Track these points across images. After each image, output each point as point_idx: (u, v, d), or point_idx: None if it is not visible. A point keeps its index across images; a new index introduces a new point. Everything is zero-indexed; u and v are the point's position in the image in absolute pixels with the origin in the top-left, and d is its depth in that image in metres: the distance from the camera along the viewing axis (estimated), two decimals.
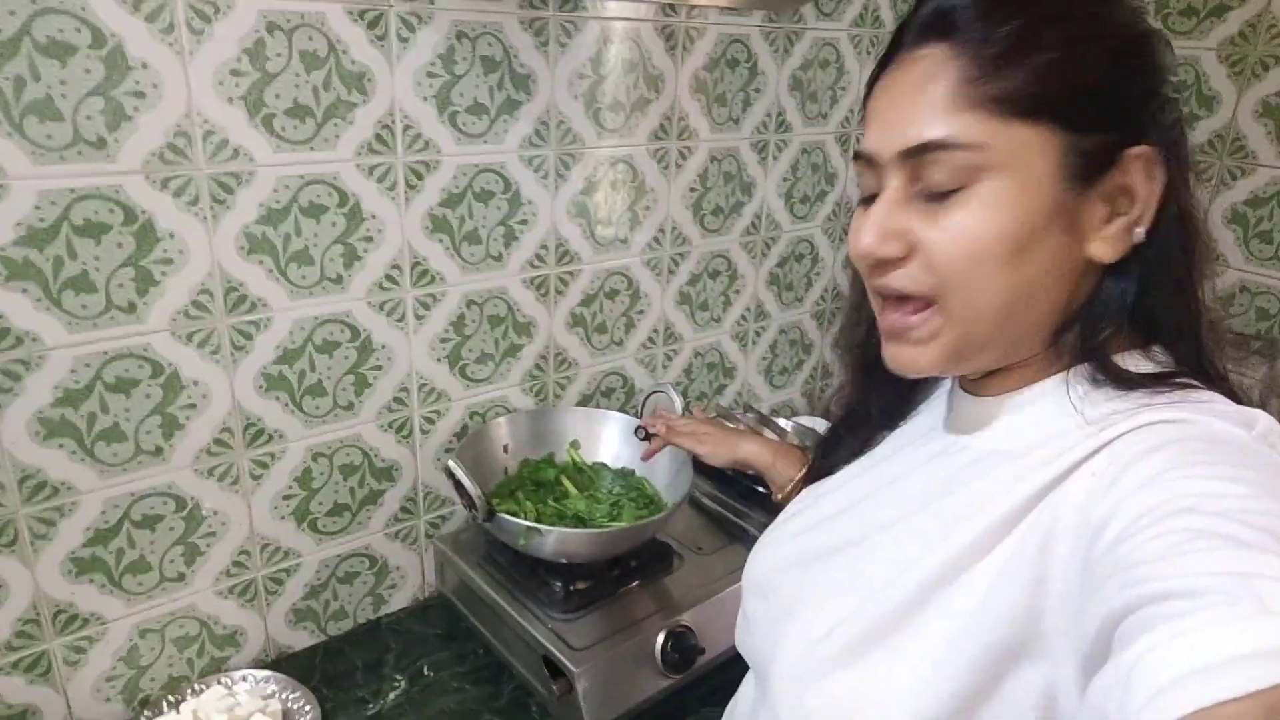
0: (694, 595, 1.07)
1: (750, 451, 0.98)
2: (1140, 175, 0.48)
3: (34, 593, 0.89)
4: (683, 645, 1.00)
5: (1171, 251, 0.50)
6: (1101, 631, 0.38)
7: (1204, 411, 0.46)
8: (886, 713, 0.49)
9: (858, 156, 0.55)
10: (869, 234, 0.52)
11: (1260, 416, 0.47)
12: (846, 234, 1.63)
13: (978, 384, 0.58)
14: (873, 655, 0.51)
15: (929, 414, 0.66)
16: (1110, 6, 0.49)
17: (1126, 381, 0.50)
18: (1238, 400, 0.50)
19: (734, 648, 1.05)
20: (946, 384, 0.65)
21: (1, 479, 0.84)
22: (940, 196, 0.50)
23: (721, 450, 1.00)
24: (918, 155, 0.50)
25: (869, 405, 0.70)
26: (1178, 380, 0.50)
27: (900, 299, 0.54)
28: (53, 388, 0.85)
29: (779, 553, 0.67)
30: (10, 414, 0.83)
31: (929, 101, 0.49)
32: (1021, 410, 0.54)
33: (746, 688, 0.70)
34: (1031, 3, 0.48)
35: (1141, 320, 0.51)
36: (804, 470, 0.91)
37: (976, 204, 0.48)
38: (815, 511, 0.68)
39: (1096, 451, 0.47)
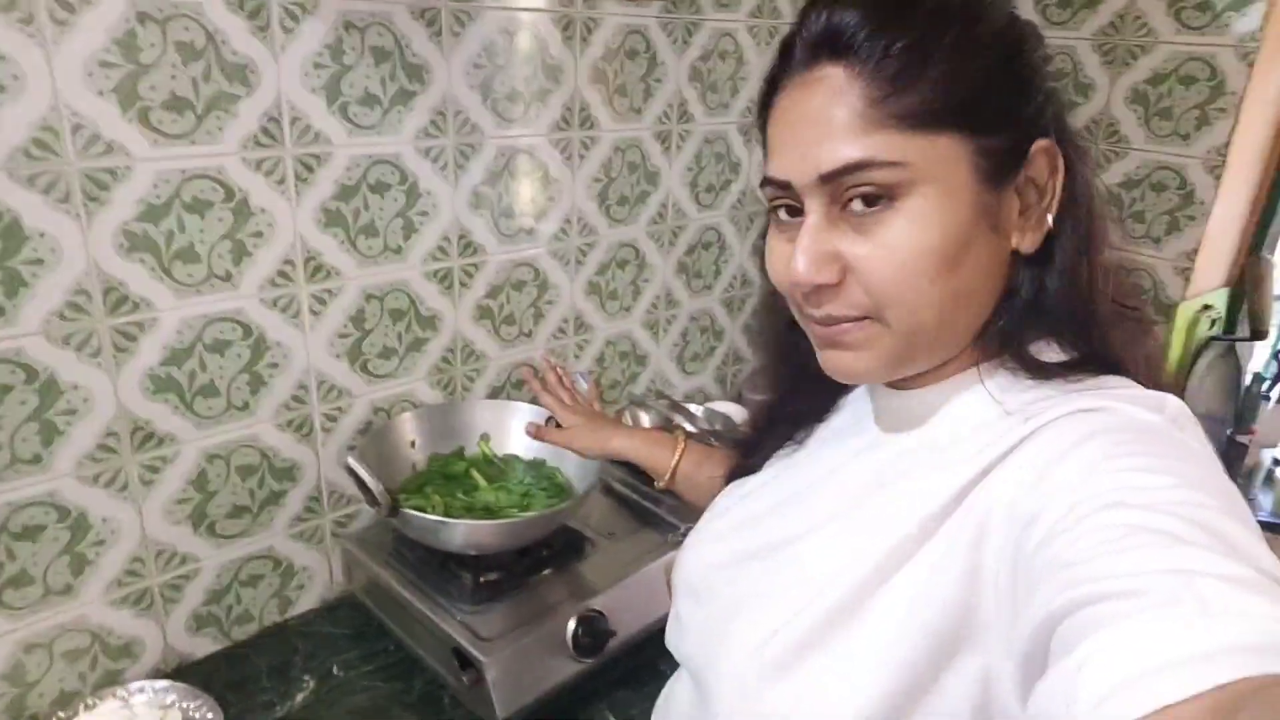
0: (606, 580, 1.08)
1: (621, 445, 1.01)
2: (1045, 167, 0.50)
3: None
4: (594, 629, 1.01)
5: (1075, 236, 0.51)
6: (1039, 632, 0.38)
7: (1122, 399, 0.47)
8: (833, 714, 0.49)
9: (769, 182, 0.54)
10: (801, 262, 0.51)
11: (1169, 400, 0.48)
12: (752, 221, 1.66)
13: (901, 379, 0.58)
14: (816, 658, 0.51)
15: (851, 409, 0.66)
16: (987, 9, 0.50)
17: (1041, 370, 0.51)
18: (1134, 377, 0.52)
19: (646, 630, 1.08)
20: (868, 384, 0.65)
21: None
22: (867, 215, 0.50)
23: (593, 445, 1.03)
24: (838, 178, 0.50)
25: (795, 403, 0.70)
26: (1089, 367, 0.51)
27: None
28: None
29: (711, 552, 0.67)
30: None
31: (840, 124, 0.49)
32: (945, 403, 0.55)
33: (680, 688, 0.69)
34: (916, 16, 0.49)
35: (1050, 309, 0.52)
36: (678, 455, 0.96)
37: (904, 219, 0.49)
38: (744, 509, 0.68)
39: (1022, 442, 0.47)
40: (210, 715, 0.96)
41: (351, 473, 0.98)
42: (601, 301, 1.46)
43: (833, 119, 0.49)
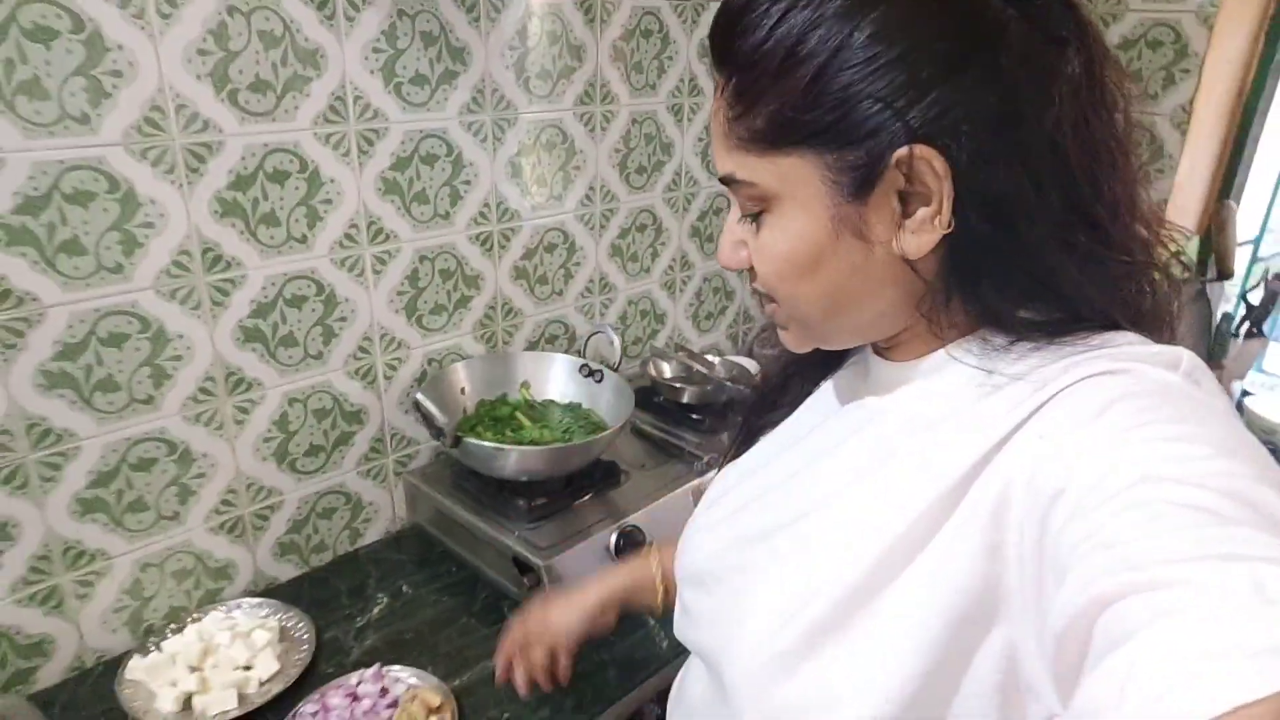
0: (640, 502, 1.22)
1: (600, 593, 0.90)
2: (927, 172, 0.46)
3: (44, 532, 0.98)
4: (633, 541, 1.15)
5: (994, 224, 0.47)
6: (1080, 616, 0.36)
7: (1138, 358, 0.46)
8: (860, 699, 0.47)
9: None
10: (721, 247, 0.57)
11: (1183, 354, 0.46)
12: None
13: (889, 350, 0.58)
14: (835, 642, 0.49)
15: (844, 386, 0.65)
16: (830, 20, 0.47)
17: (1026, 332, 0.50)
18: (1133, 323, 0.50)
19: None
20: (859, 354, 0.65)
21: (10, 427, 0.93)
22: (752, 216, 0.53)
23: (576, 625, 0.89)
24: (726, 184, 0.54)
25: (791, 379, 0.71)
26: (1087, 324, 0.49)
27: None
28: (52, 343, 0.94)
29: (714, 539, 0.65)
30: (16, 368, 0.92)
31: (718, 137, 0.53)
32: (937, 374, 0.54)
33: (693, 677, 0.68)
34: (757, 35, 0.48)
35: (996, 286, 0.50)
36: (656, 560, 0.89)
37: (769, 228, 0.52)
38: (743, 491, 0.66)
39: (1040, 409, 0.46)
40: (303, 625, 1.10)
41: (419, 408, 1.12)
42: (623, 263, 1.59)
43: (716, 131, 0.53)
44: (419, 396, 1.11)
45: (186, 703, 0.97)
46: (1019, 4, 0.46)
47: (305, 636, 1.08)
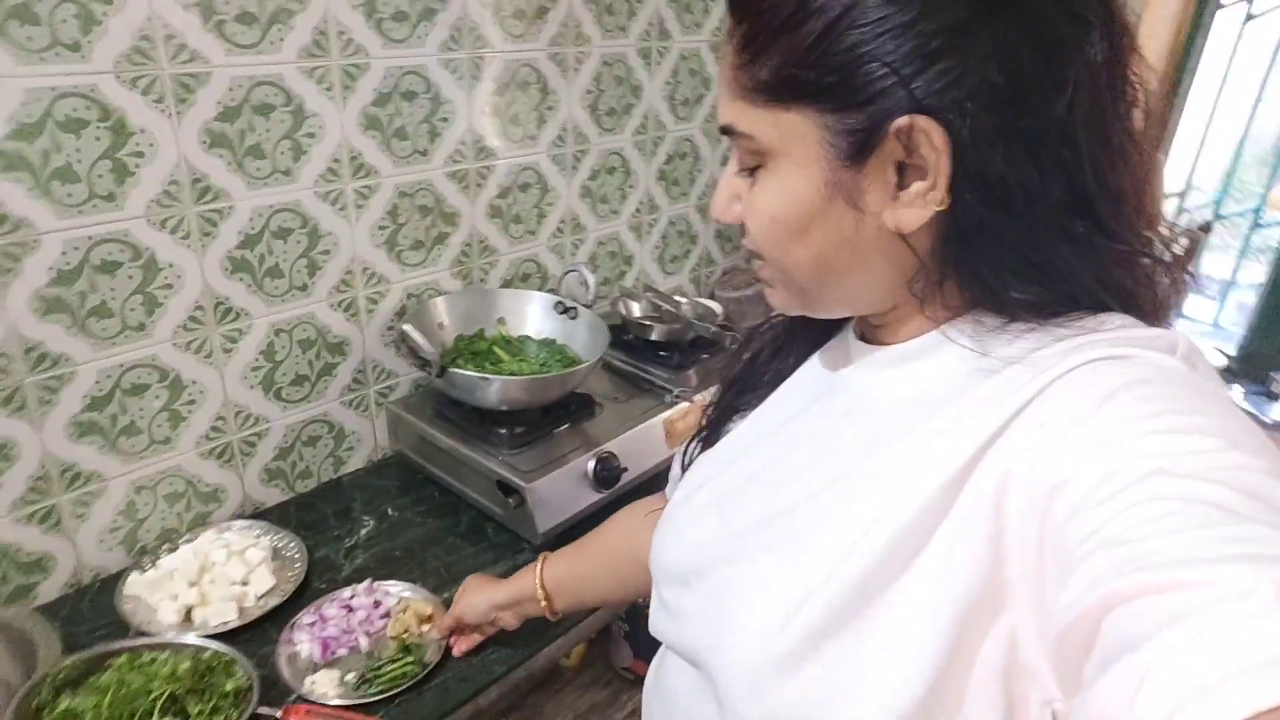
0: (615, 431, 1.29)
1: (504, 599, 0.95)
2: (926, 145, 0.45)
3: (42, 453, 1.01)
4: (609, 467, 1.22)
5: (989, 202, 0.46)
6: (1087, 614, 0.35)
7: (1135, 343, 0.45)
8: (868, 696, 0.46)
9: None
10: (715, 200, 0.55)
11: (1178, 338, 0.46)
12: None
13: (876, 333, 0.57)
14: (840, 641, 0.47)
15: (825, 370, 0.63)
16: None
17: (1018, 313, 0.49)
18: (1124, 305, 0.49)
19: (651, 470, 1.29)
20: (840, 337, 0.63)
21: (8, 350, 0.95)
22: (750, 172, 0.52)
23: (480, 605, 0.97)
24: (726, 135, 0.53)
25: (773, 360, 0.69)
26: (1076, 305, 0.49)
27: None
28: (47, 269, 0.96)
29: (694, 533, 0.62)
30: (12, 293, 0.94)
31: (723, 84, 0.52)
32: (927, 357, 0.53)
33: (674, 675, 0.63)
34: None
35: (988, 266, 0.49)
36: (539, 568, 0.92)
37: (763, 185, 0.51)
38: (723, 482, 0.63)
39: (1038, 396, 0.45)
40: (293, 544, 1.15)
41: (406, 340, 1.16)
42: (594, 205, 1.63)
43: (723, 79, 0.52)
44: (406, 328, 1.16)
45: (187, 615, 1.02)
46: None
47: (297, 555, 1.13)
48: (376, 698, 0.93)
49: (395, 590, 1.08)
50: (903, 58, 0.44)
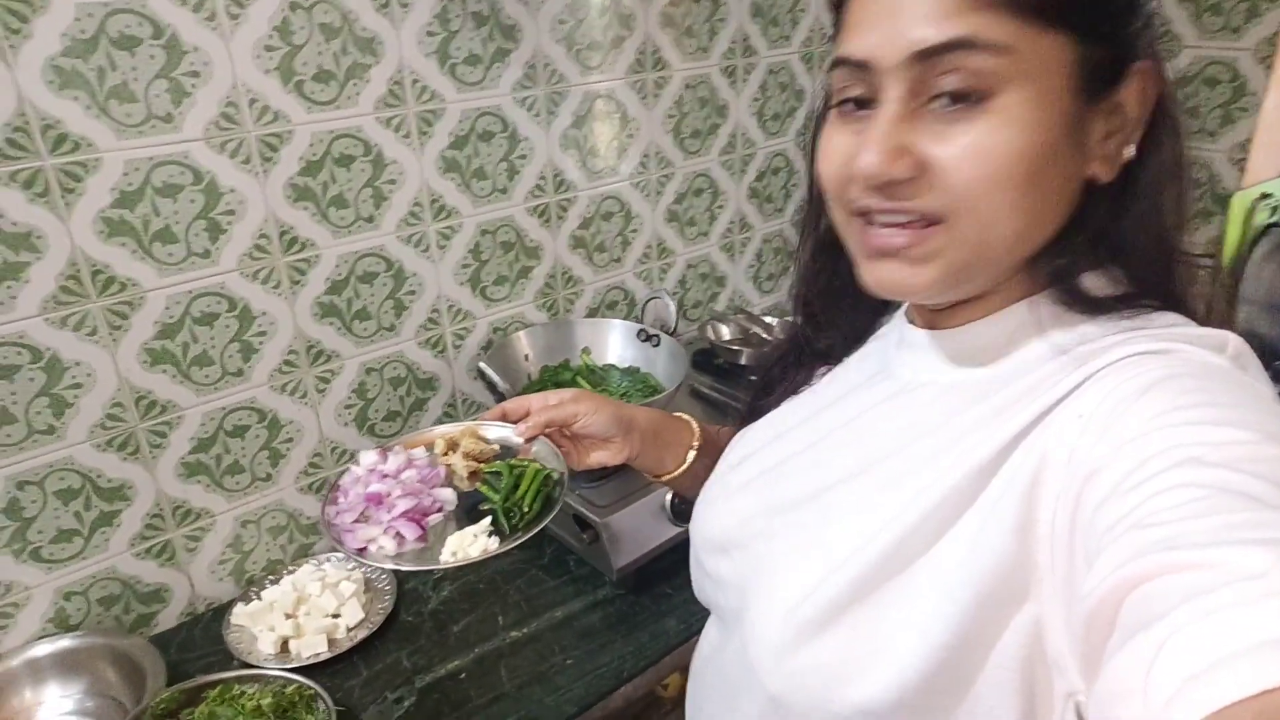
0: None
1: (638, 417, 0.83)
2: (1135, 92, 0.46)
3: (156, 492, 1.10)
4: (687, 500, 1.19)
5: (1158, 169, 0.47)
6: (1110, 595, 0.35)
7: (1180, 338, 0.44)
8: (879, 668, 0.47)
9: (843, 63, 0.49)
10: (873, 153, 0.46)
11: (1229, 338, 0.45)
12: None
13: (934, 315, 0.56)
14: (857, 613, 0.48)
15: (871, 353, 0.63)
16: None
17: (1096, 306, 0.48)
18: (1193, 318, 0.49)
19: None
20: (892, 321, 0.63)
21: (122, 400, 1.04)
22: (953, 109, 0.45)
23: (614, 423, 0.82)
24: (931, 58, 0.44)
25: (828, 337, 0.67)
26: (1143, 302, 0.48)
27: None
28: (153, 323, 1.04)
29: (738, 506, 0.63)
30: (122, 347, 1.03)
31: None
32: (985, 338, 0.52)
33: (721, 638, 0.66)
34: None
35: (1117, 243, 0.49)
36: (698, 438, 0.84)
37: (996, 119, 0.44)
38: (766, 457, 0.64)
39: (1079, 387, 0.44)
40: (385, 578, 1.19)
41: (483, 375, 1.19)
42: (681, 228, 1.61)
43: None
44: (481, 365, 1.18)
45: (283, 646, 1.07)
46: None
47: (387, 588, 1.17)
48: (537, 528, 0.76)
49: (412, 437, 0.86)
50: (1149, 9, 0.47)
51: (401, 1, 1.14)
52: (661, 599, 1.13)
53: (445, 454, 0.81)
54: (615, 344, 1.44)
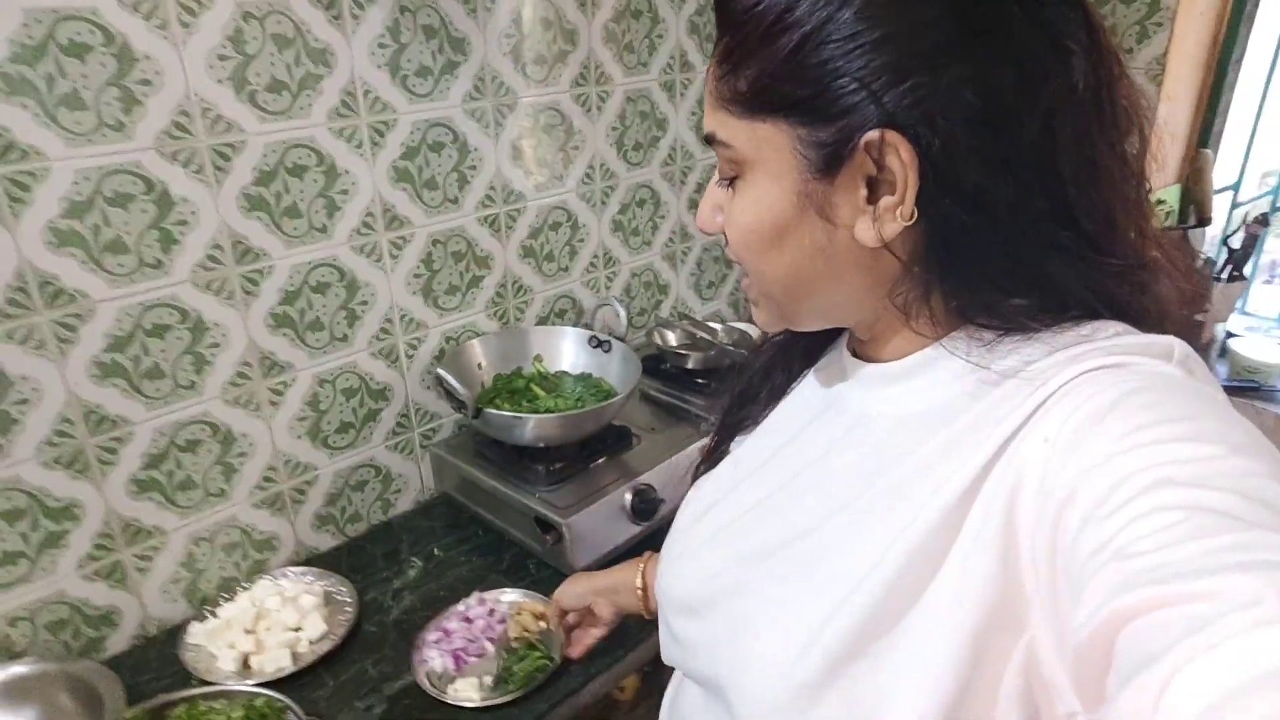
0: (652, 461, 1.29)
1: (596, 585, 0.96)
2: (894, 159, 0.46)
3: (105, 511, 1.06)
4: (647, 498, 1.23)
5: (973, 216, 0.47)
6: (1104, 628, 0.35)
7: (1129, 350, 0.45)
8: (898, 716, 0.46)
9: None
10: (700, 211, 0.57)
11: (1174, 343, 0.46)
12: None
13: (869, 349, 0.58)
14: (859, 667, 0.47)
15: (821, 392, 0.63)
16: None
17: (1022, 328, 0.49)
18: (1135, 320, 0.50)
19: None
20: (833, 355, 0.64)
21: (70, 415, 1.01)
22: (730, 182, 0.53)
23: (578, 590, 0.97)
24: (709, 144, 0.54)
25: (772, 377, 0.70)
26: (1066, 313, 0.49)
27: None
28: (102, 335, 1.02)
29: (701, 562, 0.61)
30: (71, 361, 1.00)
31: (707, 95, 0.53)
32: (923, 373, 0.53)
33: (692, 699, 0.64)
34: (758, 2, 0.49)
35: (973, 280, 0.50)
36: (642, 566, 0.91)
37: (740, 194, 0.52)
38: (727, 508, 0.63)
39: (1040, 409, 0.45)
40: (344, 588, 1.18)
41: (440, 383, 1.19)
42: (625, 237, 1.65)
43: (706, 89, 0.54)
44: (440, 372, 1.19)
45: (245, 662, 1.05)
46: (1027, 3, 0.45)
47: (348, 600, 1.16)
48: (517, 694, 0.99)
49: (506, 597, 1.14)
50: (873, 72, 0.45)
51: (353, 14, 1.15)
52: None
53: (518, 614, 1.07)
54: (568, 351, 1.47)
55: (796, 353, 0.68)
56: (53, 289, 0.97)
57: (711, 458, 0.72)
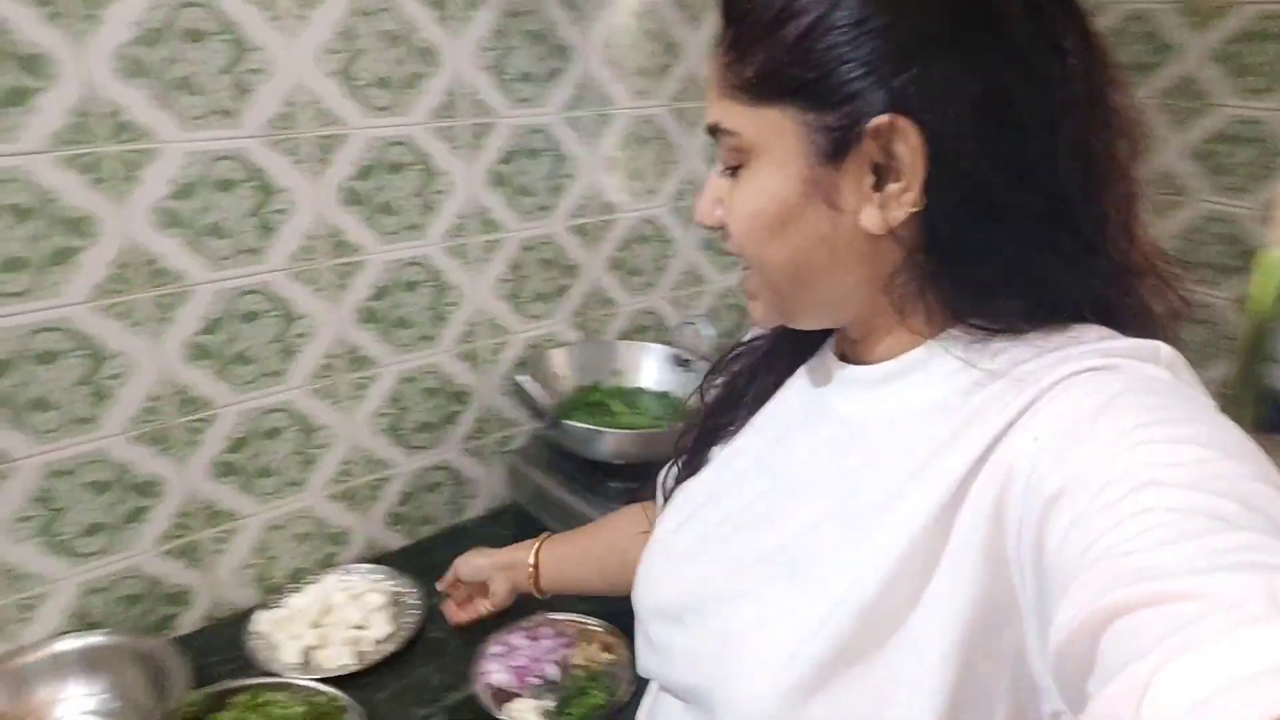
0: None
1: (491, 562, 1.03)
2: (901, 145, 0.46)
3: (186, 491, 1.07)
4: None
5: (973, 209, 0.47)
6: (1086, 627, 0.35)
7: (1117, 352, 0.45)
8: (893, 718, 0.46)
9: None
10: (699, 204, 0.56)
11: (1160, 347, 0.46)
12: None
13: (857, 352, 0.58)
14: (851, 670, 0.47)
15: (806, 396, 0.62)
16: None
17: (1011, 329, 0.49)
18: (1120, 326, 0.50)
19: None
20: (819, 359, 0.62)
21: (160, 393, 1.02)
22: (733, 172, 0.53)
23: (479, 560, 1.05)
24: (714, 134, 0.54)
25: (757, 379, 0.68)
26: (1055, 316, 0.49)
27: None
28: (198, 318, 1.03)
29: (687, 570, 0.60)
30: (166, 340, 1.01)
31: (712, 85, 0.53)
32: (913, 372, 0.53)
33: (672, 712, 0.62)
34: None
35: (966, 275, 0.50)
36: (535, 549, 0.98)
37: (745, 183, 0.52)
38: (709, 515, 0.62)
39: (1029, 407, 0.45)
40: (413, 589, 1.16)
41: (520, 390, 1.17)
42: (714, 257, 1.61)
43: (711, 79, 0.54)
44: (521, 379, 1.17)
45: (306, 656, 1.04)
46: (1028, 3, 0.46)
47: (416, 602, 1.14)
48: None
49: (574, 619, 1.10)
50: (880, 58, 0.46)
51: (462, 14, 1.15)
52: None
53: (589, 642, 1.06)
54: (649, 368, 1.43)
55: (783, 356, 0.66)
56: (155, 268, 0.98)
57: (691, 464, 0.69)
